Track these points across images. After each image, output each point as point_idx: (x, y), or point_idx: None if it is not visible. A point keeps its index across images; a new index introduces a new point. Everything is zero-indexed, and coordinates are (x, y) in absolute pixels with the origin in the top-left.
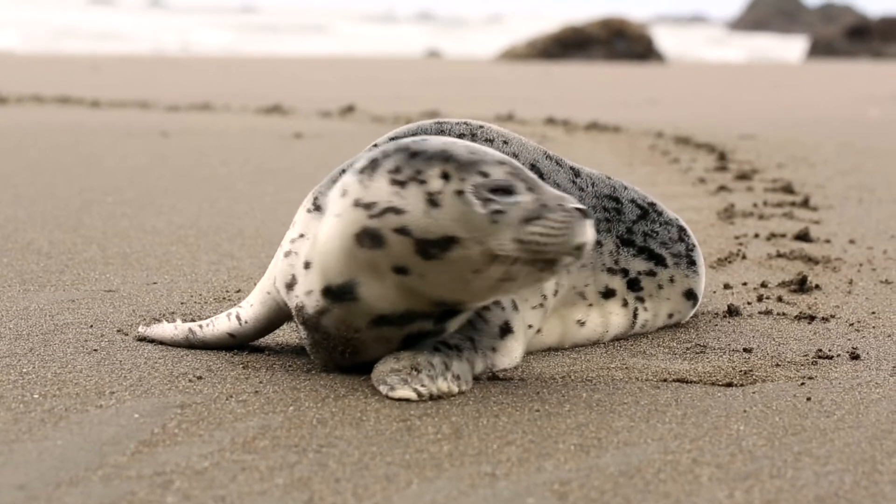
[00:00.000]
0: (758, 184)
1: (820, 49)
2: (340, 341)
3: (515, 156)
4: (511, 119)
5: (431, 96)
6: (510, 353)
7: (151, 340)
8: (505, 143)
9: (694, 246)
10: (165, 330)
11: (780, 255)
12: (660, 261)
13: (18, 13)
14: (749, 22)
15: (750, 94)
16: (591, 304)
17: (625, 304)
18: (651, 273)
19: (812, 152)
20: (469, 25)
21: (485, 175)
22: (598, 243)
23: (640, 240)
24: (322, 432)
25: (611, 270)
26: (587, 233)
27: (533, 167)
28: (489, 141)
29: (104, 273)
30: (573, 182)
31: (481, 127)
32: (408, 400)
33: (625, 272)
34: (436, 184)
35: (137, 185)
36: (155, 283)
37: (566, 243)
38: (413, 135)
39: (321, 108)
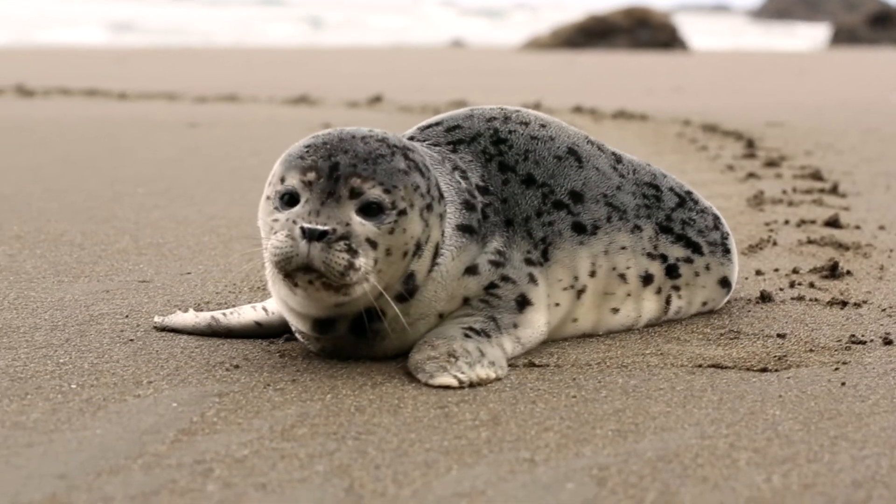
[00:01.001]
0: (786, 170)
1: (843, 37)
2: None
3: (552, 139)
4: (538, 108)
5: (458, 86)
6: (532, 325)
7: (171, 330)
8: (543, 126)
9: (728, 234)
10: (186, 319)
11: (810, 242)
12: (696, 248)
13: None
14: (772, 11)
15: (775, 81)
16: (629, 290)
17: (658, 291)
18: (688, 260)
19: (838, 139)
20: (493, 15)
21: (282, 181)
22: (638, 228)
23: (678, 227)
24: (360, 420)
25: (650, 255)
26: (303, 253)
27: (571, 151)
28: (524, 123)
29: (137, 263)
30: (614, 168)
31: (518, 111)
32: (447, 387)
33: (664, 258)
34: (267, 188)
35: (168, 176)
36: (189, 273)
37: (284, 261)
38: (442, 123)
39: (348, 98)
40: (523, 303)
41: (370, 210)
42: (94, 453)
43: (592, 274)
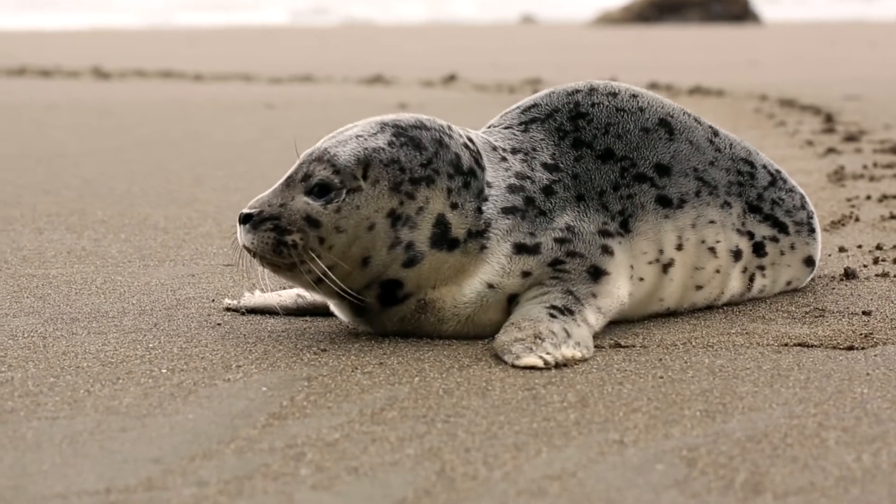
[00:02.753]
0: (866, 145)
1: None
2: None
3: (641, 110)
4: None
5: (531, 62)
6: (611, 294)
7: (255, 311)
8: (634, 96)
9: (813, 213)
10: (268, 298)
11: (893, 217)
12: (783, 228)
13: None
14: None
15: (848, 53)
16: (719, 265)
17: (745, 269)
18: (774, 239)
19: None
20: None
21: None
22: (728, 204)
23: (767, 207)
24: (449, 402)
25: (739, 231)
26: (239, 237)
27: (663, 122)
28: (612, 94)
29: (221, 247)
30: (710, 141)
31: (608, 83)
32: (533, 368)
33: (751, 235)
34: None
35: (246, 158)
36: None
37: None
38: (521, 105)
39: (423, 77)
40: (597, 273)
41: (318, 191)
42: (187, 437)
43: (679, 248)
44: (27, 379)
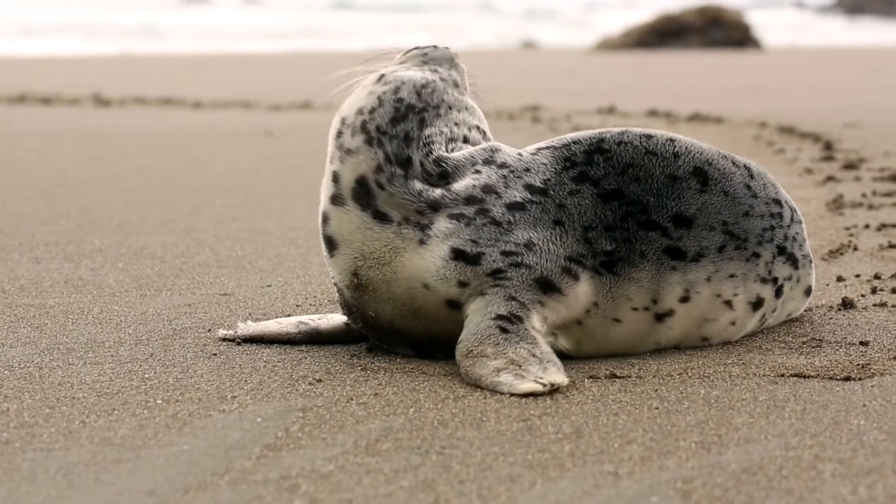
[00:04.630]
0: (865, 173)
1: None
2: None
3: (676, 156)
4: (613, 112)
5: (531, 89)
6: (559, 312)
7: (253, 339)
8: (670, 140)
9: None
10: (268, 326)
11: (891, 246)
12: (795, 264)
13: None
14: (847, 5)
15: (850, 79)
16: (735, 317)
17: (763, 315)
18: (789, 278)
19: None
20: (563, 15)
21: None
22: (756, 255)
23: (790, 246)
24: (444, 433)
25: (763, 280)
26: None
27: (697, 171)
28: (646, 137)
29: (218, 276)
30: (748, 187)
31: (648, 131)
32: (532, 394)
33: (775, 281)
34: None
35: (245, 186)
36: (269, 285)
37: None
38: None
39: None
40: (548, 286)
41: None
42: (182, 469)
43: (685, 300)
44: (23, 410)
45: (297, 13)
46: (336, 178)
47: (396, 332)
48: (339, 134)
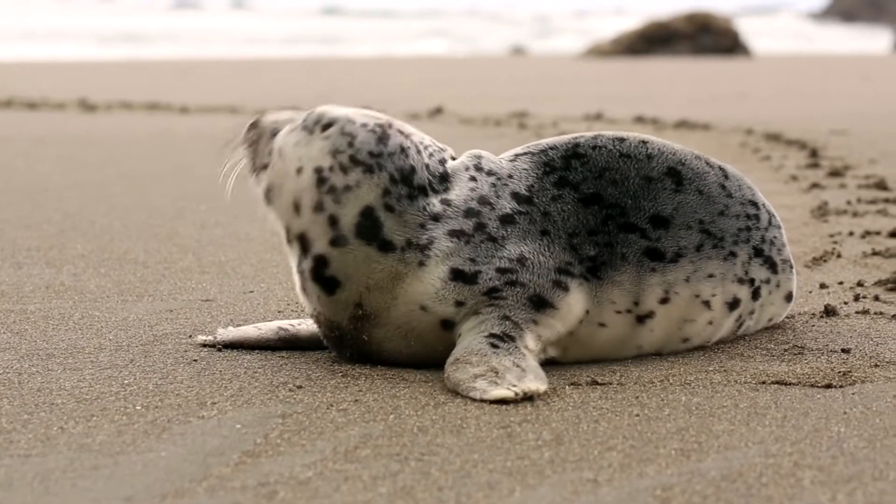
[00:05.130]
0: (850, 180)
1: None
2: None
3: (650, 157)
4: (600, 118)
5: (519, 95)
6: (553, 328)
7: (232, 345)
8: (643, 143)
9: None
10: (247, 332)
11: (875, 254)
12: (774, 268)
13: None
14: (837, 12)
15: (838, 87)
16: (712, 317)
17: (739, 316)
18: (767, 281)
19: None
20: (553, 22)
21: None
22: (733, 255)
23: (767, 248)
24: (423, 440)
25: (740, 281)
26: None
27: (671, 172)
28: (619, 140)
29: (200, 282)
30: (722, 187)
31: (620, 134)
32: (503, 400)
33: (752, 282)
34: None
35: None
36: (251, 291)
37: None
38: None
39: (409, 109)
40: (542, 303)
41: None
42: (160, 476)
43: (665, 301)
44: (0, 416)
45: (285, 19)
46: (334, 222)
47: (381, 354)
48: (323, 181)
